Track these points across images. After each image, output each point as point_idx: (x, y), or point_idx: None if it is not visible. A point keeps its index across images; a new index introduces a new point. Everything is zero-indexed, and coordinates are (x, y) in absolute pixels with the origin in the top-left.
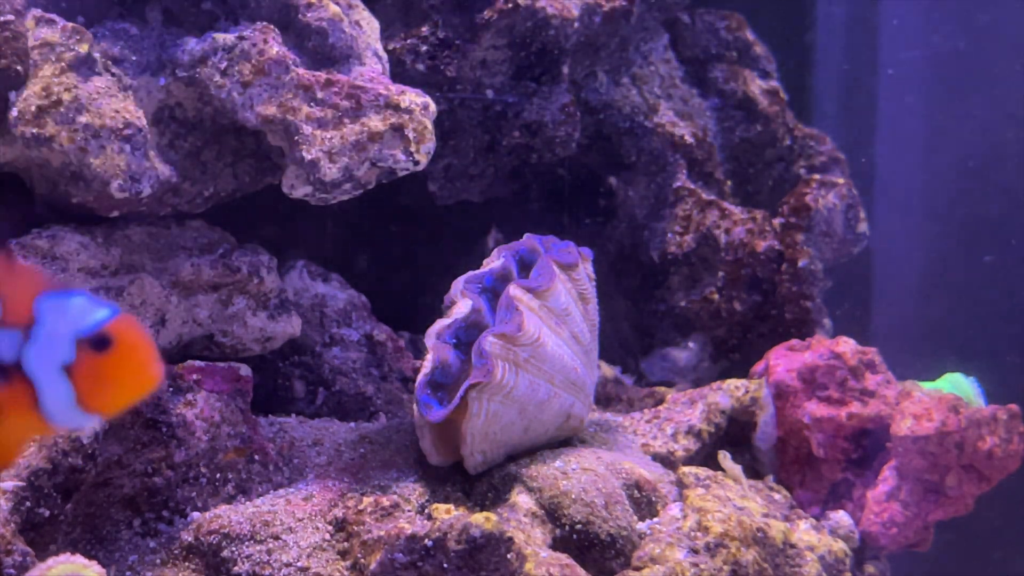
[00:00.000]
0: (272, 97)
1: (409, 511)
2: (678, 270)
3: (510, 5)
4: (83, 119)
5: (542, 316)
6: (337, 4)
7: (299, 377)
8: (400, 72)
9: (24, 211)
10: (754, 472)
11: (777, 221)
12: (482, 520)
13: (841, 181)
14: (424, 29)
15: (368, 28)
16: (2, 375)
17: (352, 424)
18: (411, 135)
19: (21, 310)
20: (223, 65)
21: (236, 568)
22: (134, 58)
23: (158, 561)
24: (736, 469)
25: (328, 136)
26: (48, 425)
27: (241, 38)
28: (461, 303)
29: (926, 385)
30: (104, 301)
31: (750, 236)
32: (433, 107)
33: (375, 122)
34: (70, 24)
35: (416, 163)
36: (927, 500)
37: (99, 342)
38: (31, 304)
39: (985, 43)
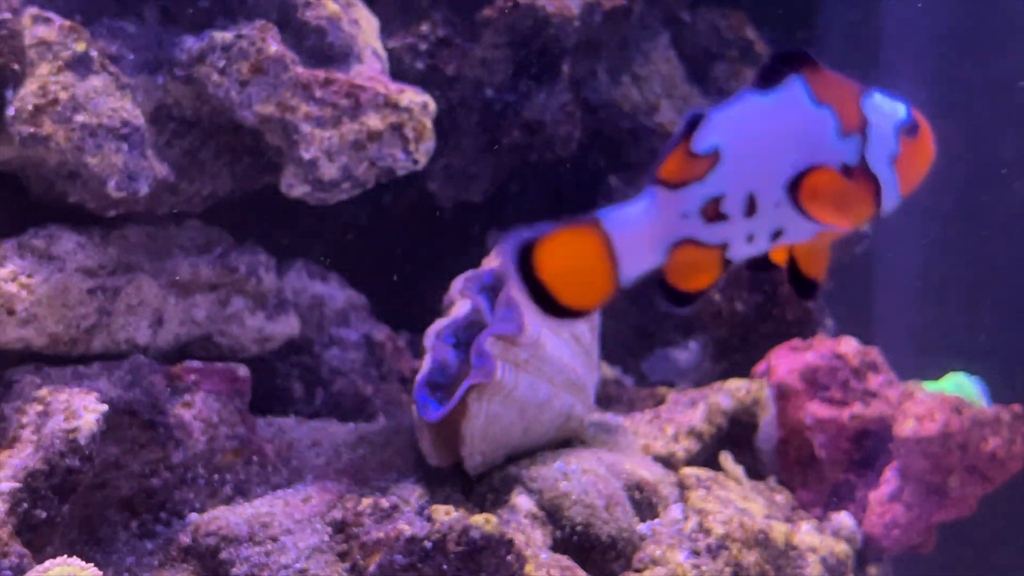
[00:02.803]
0: (270, 96)
1: (408, 512)
2: None
3: (510, 4)
4: (80, 118)
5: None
6: (336, 2)
7: (298, 378)
8: (399, 71)
9: (21, 211)
10: (756, 473)
11: None
12: (482, 522)
13: None
14: (423, 28)
15: (367, 26)
16: (851, 176)
17: (351, 425)
18: (410, 134)
19: (853, 115)
20: (221, 64)
21: (234, 570)
22: (131, 57)
23: (156, 563)
24: (738, 470)
25: (327, 135)
26: (875, 214)
27: (239, 36)
28: (460, 302)
29: (929, 386)
30: (888, 92)
31: None
32: (433, 106)
33: (374, 121)
34: (67, 22)
35: (415, 162)
36: (930, 501)
37: (912, 129)
38: (859, 108)
39: (987, 42)
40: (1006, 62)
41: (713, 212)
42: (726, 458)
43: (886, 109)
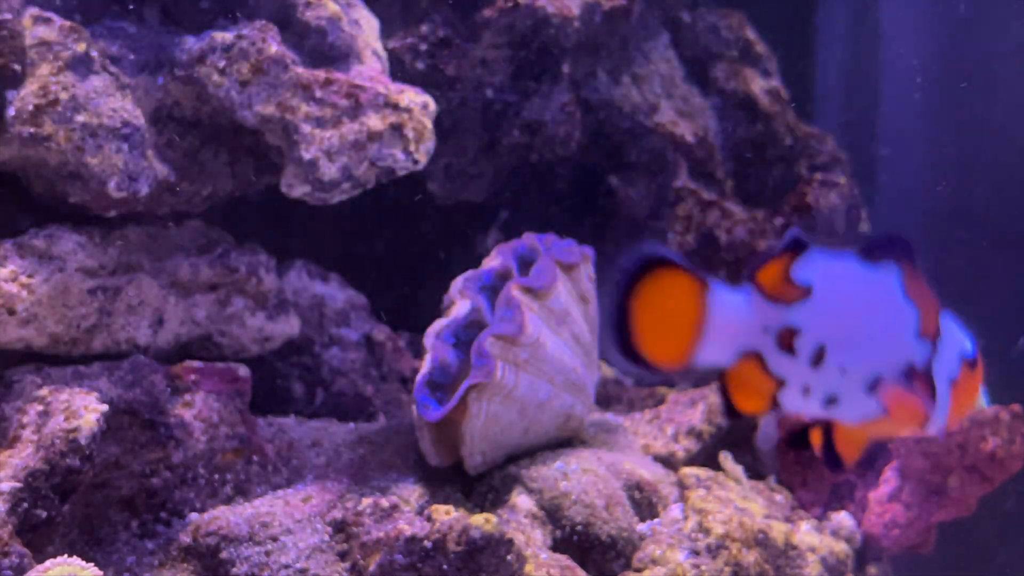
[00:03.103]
0: (271, 96)
1: (408, 512)
2: None
3: (510, 4)
4: (80, 118)
5: (542, 316)
6: (336, 3)
7: (298, 378)
8: (399, 71)
9: (21, 211)
10: (755, 473)
11: (778, 221)
12: (482, 521)
13: (843, 181)
14: (424, 28)
15: (367, 27)
16: (914, 379)
17: (351, 425)
18: (410, 134)
19: (932, 322)
20: (221, 64)
21: (234, 570)
22: (132, 57)
23: (156, 563)
24: (737, 470)
25: (327, 135)
26: (922, 428)
27: (240, 37)
28: (460, 302)
29: None
30: (958, 320)
31: (751, 236)
32: (433, 106)
33: (374, 121)
34: (67, 23)
35: (415, 162)
36: (929, 501)
37: (972, 364)
38: (937, 320)
39: (987, 41)
40: (1004, 60)
41: (787, 341)
42: (726, 458)
43: (956, 333)
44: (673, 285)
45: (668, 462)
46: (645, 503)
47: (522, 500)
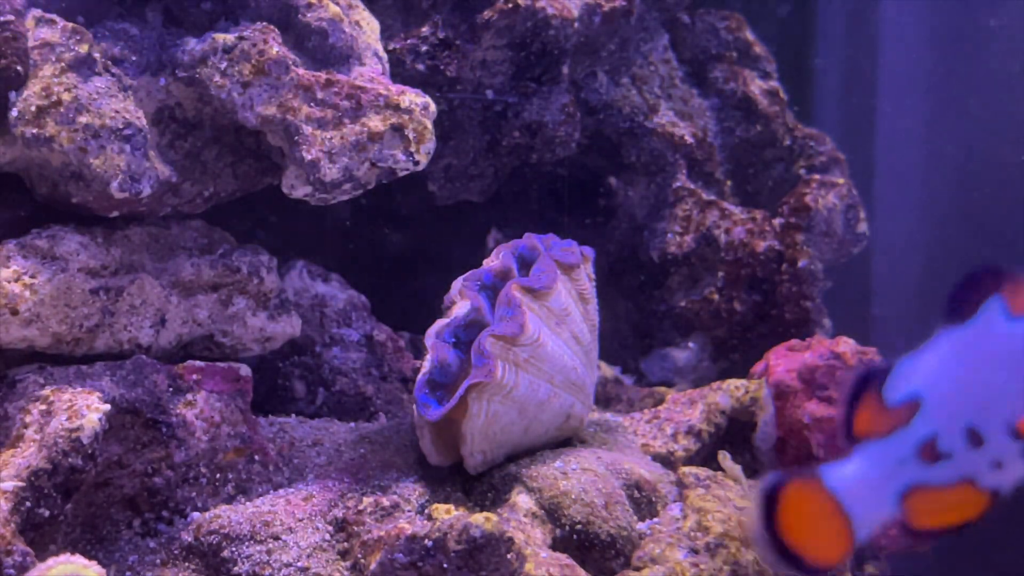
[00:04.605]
0: (272, 97)
1: (409, 511)
2: (678, 270)
3: (510, 5)
4: (83, 119)
5: (542, 316)
6: (337, 4)
7: (299, 377)
8: (400, 72)
9: (24, 211)
10: (754, 472)
11: (777, 221)
12: (482, 520)
13: (841, 181)
14: (424, 29)
15: (368, 28)
16: None
17: (352, 424)
18: (411, 135)
19: None
20: (223, 65)
21: (236, 568)
22: (134, 58)
23: (158, 561)
24: (736, 469)
25: (328, 136)
26: None
27: (241, 38)
28: (460, 303)
29: None
30: None
31: (750, 236)
32: (433, 107)
33: (375, 122)
34: (70, 24)
35: (416, 163)
36: None
37: None
38: None
39: (984, 42)
40: (1001, 60)
41: (931, 453)
42: (725, 457)
43: None
44: (802, 498)
45: (667, 461)
46: (644, 502)
47: (522, 499)
